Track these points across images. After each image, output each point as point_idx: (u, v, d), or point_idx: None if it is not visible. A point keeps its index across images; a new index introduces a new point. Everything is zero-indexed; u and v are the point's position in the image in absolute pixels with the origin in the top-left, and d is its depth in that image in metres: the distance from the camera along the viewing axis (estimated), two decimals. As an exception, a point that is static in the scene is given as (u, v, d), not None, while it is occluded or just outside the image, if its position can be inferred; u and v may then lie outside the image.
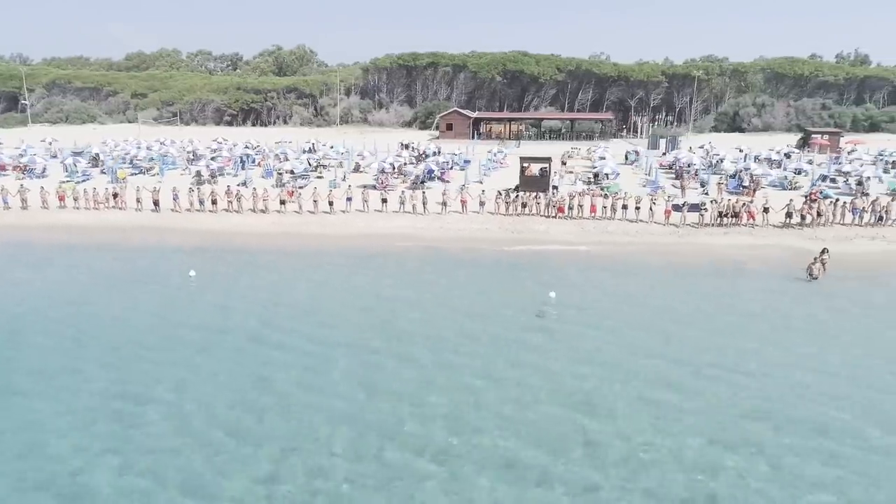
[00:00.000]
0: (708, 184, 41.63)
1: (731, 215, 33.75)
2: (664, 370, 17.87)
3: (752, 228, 33.83)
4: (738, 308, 23.52)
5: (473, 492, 12.44)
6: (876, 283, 26.51)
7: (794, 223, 33.69)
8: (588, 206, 35.69)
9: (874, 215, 33.34)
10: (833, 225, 33.79)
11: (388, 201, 37.61)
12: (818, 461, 13.40)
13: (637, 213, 35.14)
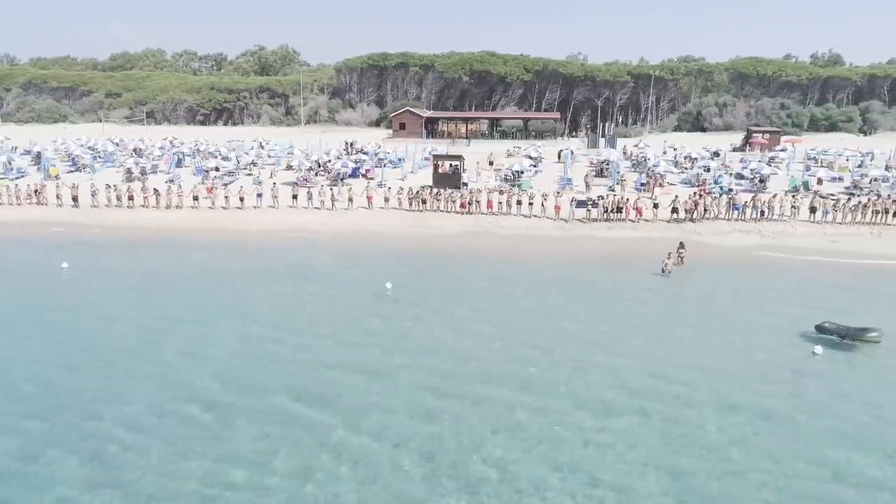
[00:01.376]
0: (620, 181, 42.79)
1: (616, 210, 34.89)
2: (463, 345, 19.04)
3: (636, 223, 34.97)
4: (565, 294, 24.66)
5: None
6: (719, 275, 27.35)
7: (680, 218, 34.81)
8: (485, 202, 36.85)
9: (755, 211, 34.41)
10: (716, 220, 34.91)
11: (298, 197, 38.85)
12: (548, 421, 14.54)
13: (530, 208, 36.34)
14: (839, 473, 12.62)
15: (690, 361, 18.04)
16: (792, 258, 29.90)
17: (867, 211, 33.62)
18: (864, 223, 33.62)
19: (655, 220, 35.23)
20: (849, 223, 33.69)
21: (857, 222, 33.69)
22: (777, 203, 34.57)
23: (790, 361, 17.89)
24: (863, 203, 34.26)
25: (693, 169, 46.53)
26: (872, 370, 17.50)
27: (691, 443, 13.70)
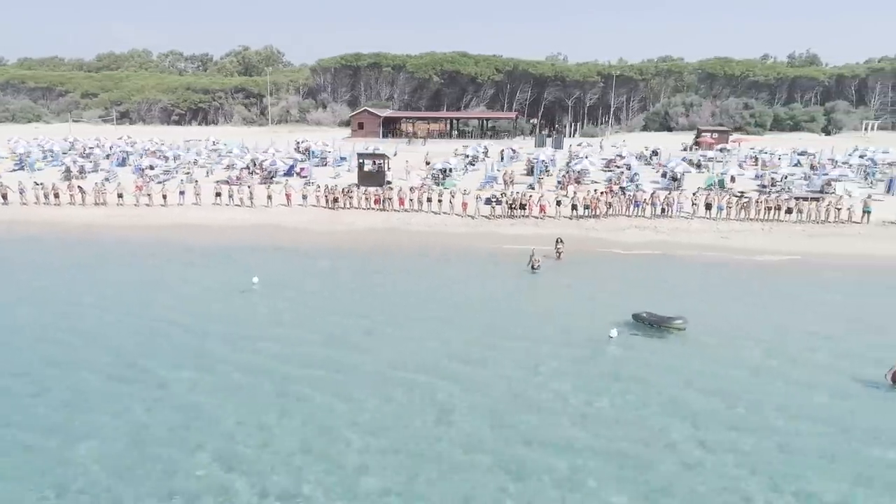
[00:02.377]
0: (538, 179, 43.67)
1: (519, 207, 35.77)
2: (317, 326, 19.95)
3: (540, 220, 35.83)
4: (431, 287, 25.57)
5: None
6: (584, 269, 28.01)
7: (579, 214, 35.67)
8: (397, 200, 37.76)
9: (654, 208, 35.28)
10: (617, 216, 35.73)
11: (221, 195, 39.80)
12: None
13: (439, 205, 37.24)
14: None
15: (493, 340, 19.01)
16: (668, 253, 30.71)
17: (760, 207, 34.44)
18: (756, 220, 34.47)
19: (559, 217, 36.11)
20: (742, 220, 34.53)
21: (750, 219, 34.52)
22: (675, 200, 35.41)
23: (586, 343, 18.80)
24: (754, 200, 35.08)
25: (620, 168, 47.35)
26: (649, 351, 18.47)
27: (474, 398, 14.49)
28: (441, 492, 11.87)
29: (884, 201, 36.68)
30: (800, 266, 28.80)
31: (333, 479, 12.26)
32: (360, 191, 38.86)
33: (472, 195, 37.50)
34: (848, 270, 27.98)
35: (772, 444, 13.45)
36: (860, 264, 28.80)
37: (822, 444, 13.48)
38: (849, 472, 12.46)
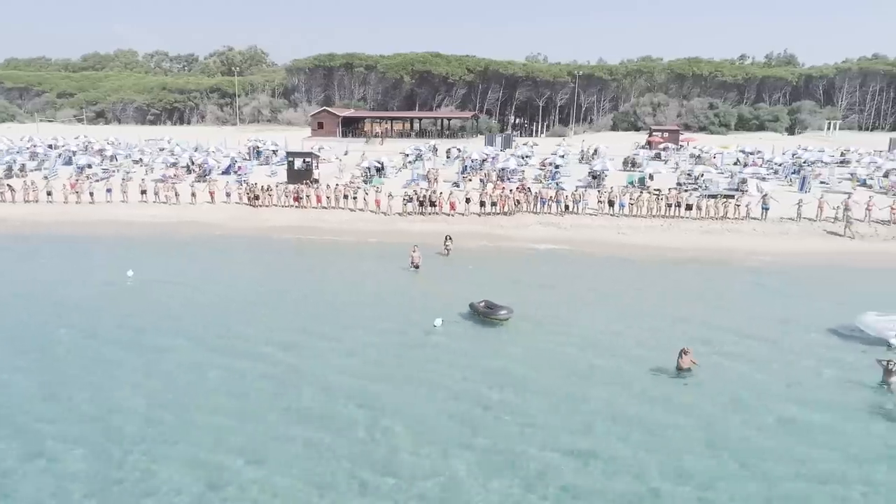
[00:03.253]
0: (465, 178, 44.52)
1: (430, 204, 36.60)
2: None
3: (449, 217, 36.67)
4: (303, 280, 26.47)
5: None
6: (463, 264, 28.57)
7: (487, 211, 36.50)
8: (315, 198, 38.61)
9: (559, 205, 36.11)
10: (524, 213, 36.55)
11: (146, 192, 40.68)
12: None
13: (355, 202, 38.12)
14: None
15: (325, 329, 19.85)
16: (560, 248, 31.54)
17: (661, 204, 35.25)
18: (659, 216, 35.29)
19: (468, 214, 36.93)
20: (644, 216, 35.34)
21: (653, 216, 35.34)
22: (580, 197, 36.25)
23: (410, 332, 19.63)
24: (656, 197, 35.90)
25: (548, 167, 48.13)
26: (462, 338, 19.25)
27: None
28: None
29: (779, 201, 37.24)
30: (678, 260, 29.58)
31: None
32: (278, 188, 39.69)
33: (389, 192, 38.31)
34: (718, 264, 28.91)
35: (537, 427, 14.16)
36: (735, 258, 29.70)
37: (593, 428, 14.18)
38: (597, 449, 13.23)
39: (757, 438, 13.67)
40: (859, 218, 33.91)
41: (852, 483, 12.12)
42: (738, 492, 11.84)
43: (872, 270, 27.79)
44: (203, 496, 11.73)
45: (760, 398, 15.53)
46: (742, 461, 12.80)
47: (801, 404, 15.21)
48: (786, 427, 14.18)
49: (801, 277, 26.90)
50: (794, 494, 11.83)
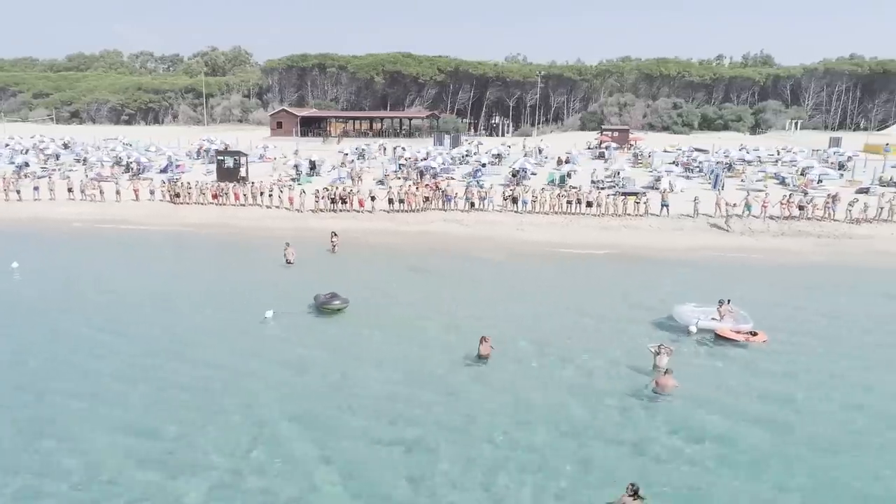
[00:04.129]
0: (388, 177, 45.37)
1: (341, 201, 37.41)
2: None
3: (358, 213, 37.48)
4: (179, 273, 27.40)
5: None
6: (339, 260, 29.55)
7: (395, 209, 37.28)
8: (233, 195, 39.43)
9: (467, 202, 36.92)
10: (428, 210, 37.30)
11: (73, 190, 41.54)
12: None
13: (270, 199, 38.95)
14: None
15: (161, 318, 20.76)
16: (451, 243, 32.42)
17: (561, 201, 36.04)
18: (560, 213, 36.07)
19: (375, 211, 37.71)
20: (546, 213, 36.12)
21: (555, 212, 36.12)
22: (486, 195, 37.04)
23: (242, 323, 20.49)
24: (556, 195, 36.69)
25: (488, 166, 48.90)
26: (288, 329, 20.07)
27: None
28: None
29: (679, 193, 37.95)
30: (562, 254, 30.36)
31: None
32: (199, 185, 40.50)
33: (302, 190, 39.14)
34: (603, 258, 29.66)
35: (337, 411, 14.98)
36: (616, 252, 30.50)
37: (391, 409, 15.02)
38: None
39: (504, 420, 14.49)
40: (756, 214, 34.81)
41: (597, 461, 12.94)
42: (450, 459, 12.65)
43: (739, 266, 28.56)
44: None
45: (539, 381, 16.35)
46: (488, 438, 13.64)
47: (568, 386, 16.06)
48: (545, 408, 14.99)
49: (665, 270, 27.69)
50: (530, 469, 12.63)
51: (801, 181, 42.87)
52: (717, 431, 13.88)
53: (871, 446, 13.42)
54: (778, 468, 12.61)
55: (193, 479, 12.12)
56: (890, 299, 23.73)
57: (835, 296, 24.05)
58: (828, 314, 21.72)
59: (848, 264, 28.62)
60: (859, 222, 33.97)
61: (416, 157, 50.07)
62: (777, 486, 12.09)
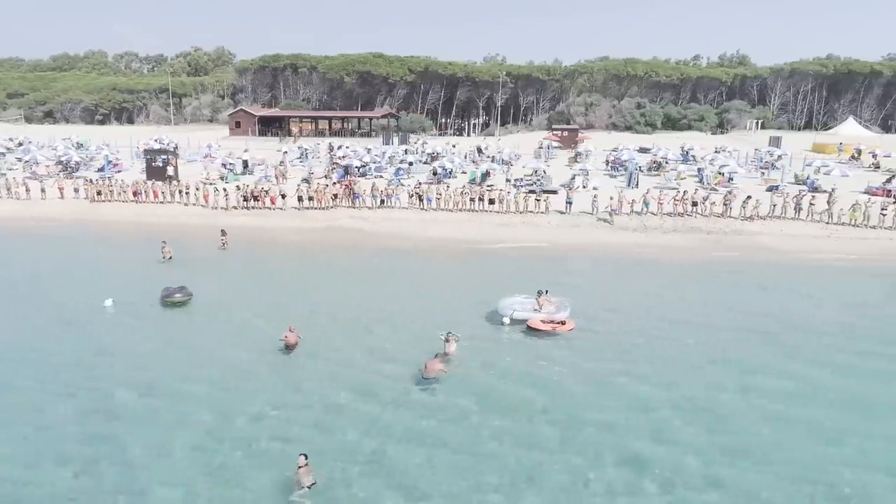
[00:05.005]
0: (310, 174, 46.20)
1: (253, 198, 38.17)
2: None
3: (270, 210, 38.26)
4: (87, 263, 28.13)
5: None
6: (238, 255, 30.35)
7: (305, 206, 38.03)
8: (152, 193, 40.22)
9: (374, 199, 37.70)
10: (337, 208, 38.07)
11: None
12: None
13: (186, 196, 39.73)
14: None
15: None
16: (350, 238, 33.21)
17: (473, 197, 36.82)
18: (469, 210, 36.84)
19: (288, 208, 38.46)
20: (451, 210, 36.89)
21: (460, 210, 36.89)
22: (393, 192, 37.83)
23: (77, 307, 21.33)
24: (461, 192, 37.46)
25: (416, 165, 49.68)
26: (126, 317, 20.98)
27: None
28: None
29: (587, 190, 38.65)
30: (453, 249, 31.12)
31: None
32: (119, 183, 41.28)
33: (215, 187, 39.91)
34: (476, 252, 30.45)
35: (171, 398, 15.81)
36: (499, 247, 31.34)
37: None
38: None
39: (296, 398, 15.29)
40: (653, 211, 35.65)
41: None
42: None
43: (616, 259, 29.35)
44: None
45: (329, 369, 17.15)
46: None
47: (352, 370, 16.88)
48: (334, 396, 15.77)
49: (543, 264, 28.44)
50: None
51: (716, 179, 43.63)
52: (458, 411, 14.71)
53: (616, 426, 14.19)
54: (493, 448, 13.39)
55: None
56: (726, 289, 24.59)
57: (683, 287, 24.87)
58: (660, 303, 22.58)
59: (726, 259, 29.39)
60: (752, 219, 34.76)
61: (347, 156, 50.80)
62: (495, 468, 12.83)
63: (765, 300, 23.31)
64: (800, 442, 13.53)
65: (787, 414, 14.71)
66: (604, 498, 11.81)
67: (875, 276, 26.97)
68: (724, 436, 13.88)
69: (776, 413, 14.73)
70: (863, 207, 33.76)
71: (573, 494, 11.94)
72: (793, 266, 28.23)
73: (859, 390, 15.91)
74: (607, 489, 12.05)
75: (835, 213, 34.14)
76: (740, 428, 14.19)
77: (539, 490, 12.05)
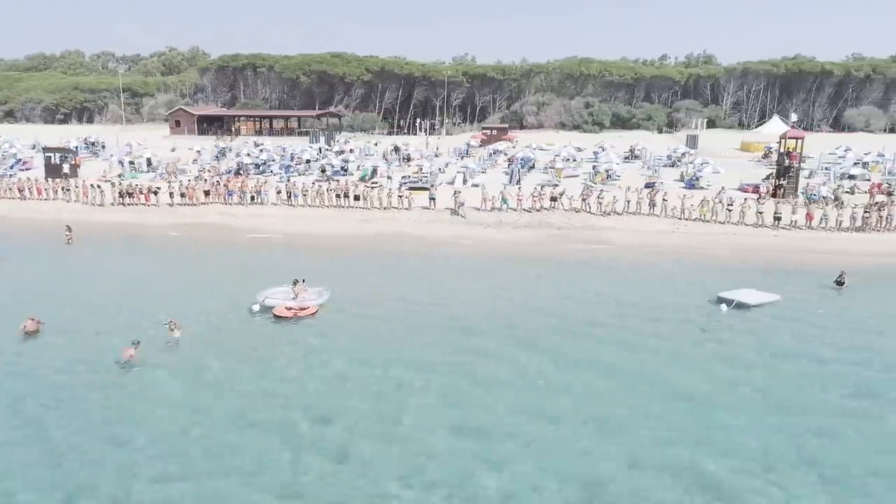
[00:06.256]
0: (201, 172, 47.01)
1: (128, 195, 38.86)
2: None
3: (146, 207, 38.92)
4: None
5: None
6: (84, 249, 31.11)
7: (178, 202, 38.71)
8: (35, 190, 40.92)
9: (245, 197, 38.40)
10: (209, 204, 38.73)
11: None
12: None
13: (68, 194, 40.43)
14: None
15: None
16: (202, 233, 33.98)
17: (332, 195, 37.50)
18: (335, 207, 37.53)
19: (161, 205, 38.99)
20: (318, 206, 37.57)
21: (325, 206, 37.55)
22: (261, 189, 38.57)
23: None
24: (327, 188, 38.16)
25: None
26: None
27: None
28: None
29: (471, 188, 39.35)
30: (297, 244, 31.86)
31: None
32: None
33: (91, 184, 40.65)
34: (327, 247, 31.16)
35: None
36: (353, 241, 32.10)
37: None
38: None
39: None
40: (513, 207, 36.32)
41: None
42: None
43: (445, 255, 30.07)
44: None
45: (63, 353, 17.84)
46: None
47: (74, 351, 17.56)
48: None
49: (376, 258, 29.32)
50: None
51: (599, 177, 44.24)
52: (161, 392, 15.46)
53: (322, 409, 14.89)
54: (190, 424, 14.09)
55: None
56: (511, 279, 25.54)
57: (464, 277, 26.04)
58: (419, 289, 23.62)
59: (557, 253, 30.15)
60: (608, 214, 35.40)
61: (240, 155, 51.70)
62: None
63: (528, 289, 24.12)
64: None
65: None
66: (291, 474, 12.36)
67: (685, 267, 27.58)
68: (453, 410, 14.74)
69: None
70: (711, 204, 34.37)
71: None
72: (612, 258, 29.00)
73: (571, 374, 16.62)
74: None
75: (686, 209, 34.74)
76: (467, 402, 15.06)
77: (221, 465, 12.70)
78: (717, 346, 18.65)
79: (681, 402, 14.93)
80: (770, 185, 39.14)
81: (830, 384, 15.91)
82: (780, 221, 33.30)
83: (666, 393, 15.38)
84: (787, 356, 17.83)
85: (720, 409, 14.53)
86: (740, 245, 31.25)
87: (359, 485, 11.87)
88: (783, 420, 14.10)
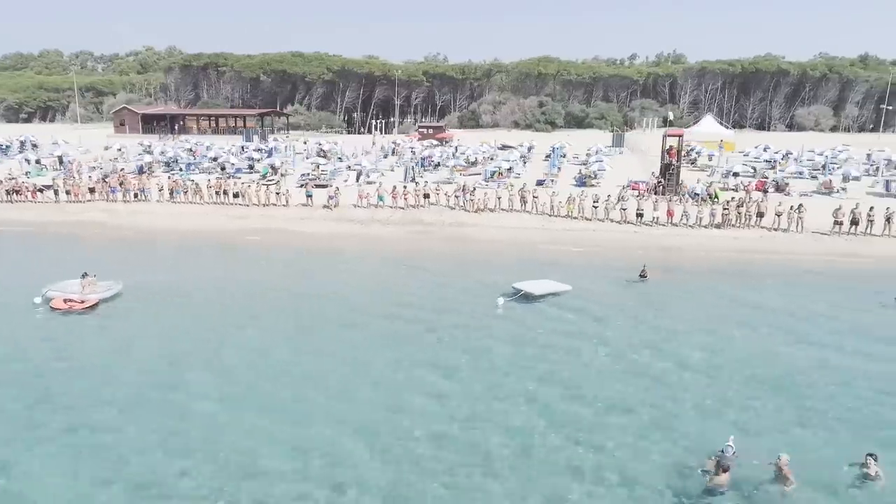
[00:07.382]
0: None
1: (15, 192, 39.24)
2: None
3: (34, 204, 39.28)
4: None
5: None
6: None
7: (65, 200, 39.09)
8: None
9: (129, 194, 38.80)
10: (102, 201, 39.12)
11: None
12: None
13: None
14: None
15: None
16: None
17: (212, 192, 37.89)
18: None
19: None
20: (199, 203, 37.95)
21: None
22: (144, 187, 38.98)
23: None
24: (208, 186, 38.55)
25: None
26: None
27: None
28: None
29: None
30: (156, 239, 32.24)
31: None
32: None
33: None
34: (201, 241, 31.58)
35: None
36: (220, 239, 32.54)
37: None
38: None
39: None
40: (390, 204, 36.60)
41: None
42: None
43: (309, 251, 30.52)
44: None
45: None
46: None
47: None
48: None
49: (233, 254, 29.75)
50: None
51: (495, 175, 44.56)
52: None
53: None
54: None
55: None
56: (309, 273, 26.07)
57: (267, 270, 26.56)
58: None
59: (418, 248, 30.58)
60: (480, 212, 35.73)
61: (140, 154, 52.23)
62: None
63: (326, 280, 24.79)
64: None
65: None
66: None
67: (522, 262, 27.80)
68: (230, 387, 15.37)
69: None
70: (577, 200, 34.69)
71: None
72: (460, 253, 29.43)
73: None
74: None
75: (554, 205, 35.07)
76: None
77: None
78: (474, 331, 19.18)
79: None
80: (652, 182, 39.49)
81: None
82: (643, 218, 33.65)
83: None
84: (521, 342, 18.32)
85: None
86: (593, 240, 31.56)
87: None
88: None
